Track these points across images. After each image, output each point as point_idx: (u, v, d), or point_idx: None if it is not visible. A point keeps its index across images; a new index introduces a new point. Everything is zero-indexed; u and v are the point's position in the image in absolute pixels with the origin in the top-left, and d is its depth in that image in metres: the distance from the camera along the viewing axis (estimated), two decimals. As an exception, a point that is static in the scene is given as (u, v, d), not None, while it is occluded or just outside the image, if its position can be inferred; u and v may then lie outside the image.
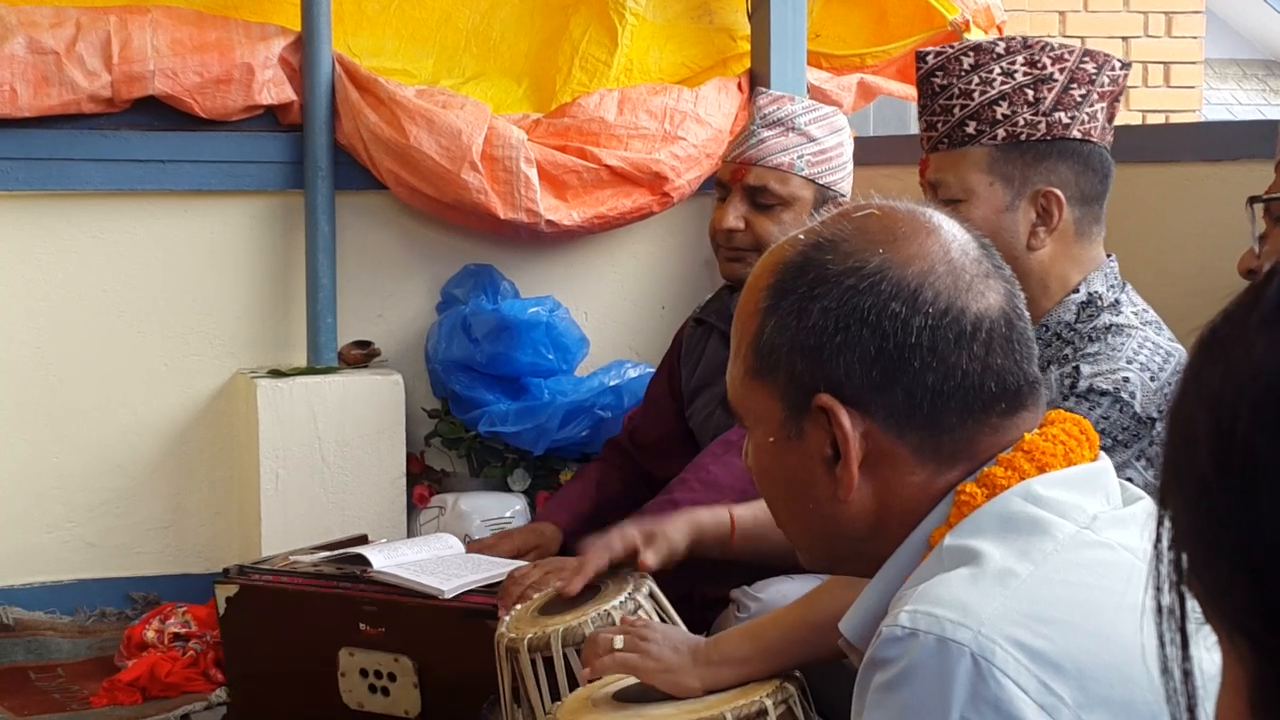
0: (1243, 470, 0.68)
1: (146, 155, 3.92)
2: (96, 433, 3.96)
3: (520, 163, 3.98)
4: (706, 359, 3.33)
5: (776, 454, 1.42)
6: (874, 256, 1.37)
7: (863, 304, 1.36)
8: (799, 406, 1.39)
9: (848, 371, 1.36)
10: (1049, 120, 2.41)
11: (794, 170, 3.12)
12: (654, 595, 2.39)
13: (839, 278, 1.37)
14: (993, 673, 1.19)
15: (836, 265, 1.38)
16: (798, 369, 1.38)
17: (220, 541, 4.03)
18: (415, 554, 3.02)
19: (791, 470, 1.41)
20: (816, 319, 1.37)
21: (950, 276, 1.37)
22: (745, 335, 1.44)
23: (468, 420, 4.04)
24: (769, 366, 1.41)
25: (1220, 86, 11.39)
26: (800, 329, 1.38)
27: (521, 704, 2.29)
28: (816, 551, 1.47)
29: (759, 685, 2.04)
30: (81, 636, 3.84)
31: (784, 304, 1.40)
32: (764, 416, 1.42)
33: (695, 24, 4.40)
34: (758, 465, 1.46)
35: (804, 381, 1.38)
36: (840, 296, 1.36)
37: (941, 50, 2.52)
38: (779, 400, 1.40)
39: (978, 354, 1.36)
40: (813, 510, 1.41)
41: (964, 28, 4.35)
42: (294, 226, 4.05)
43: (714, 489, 2.90)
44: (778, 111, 3.17)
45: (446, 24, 4.27)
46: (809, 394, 1.37)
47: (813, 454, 1.39)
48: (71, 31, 3.81)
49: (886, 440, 1.36)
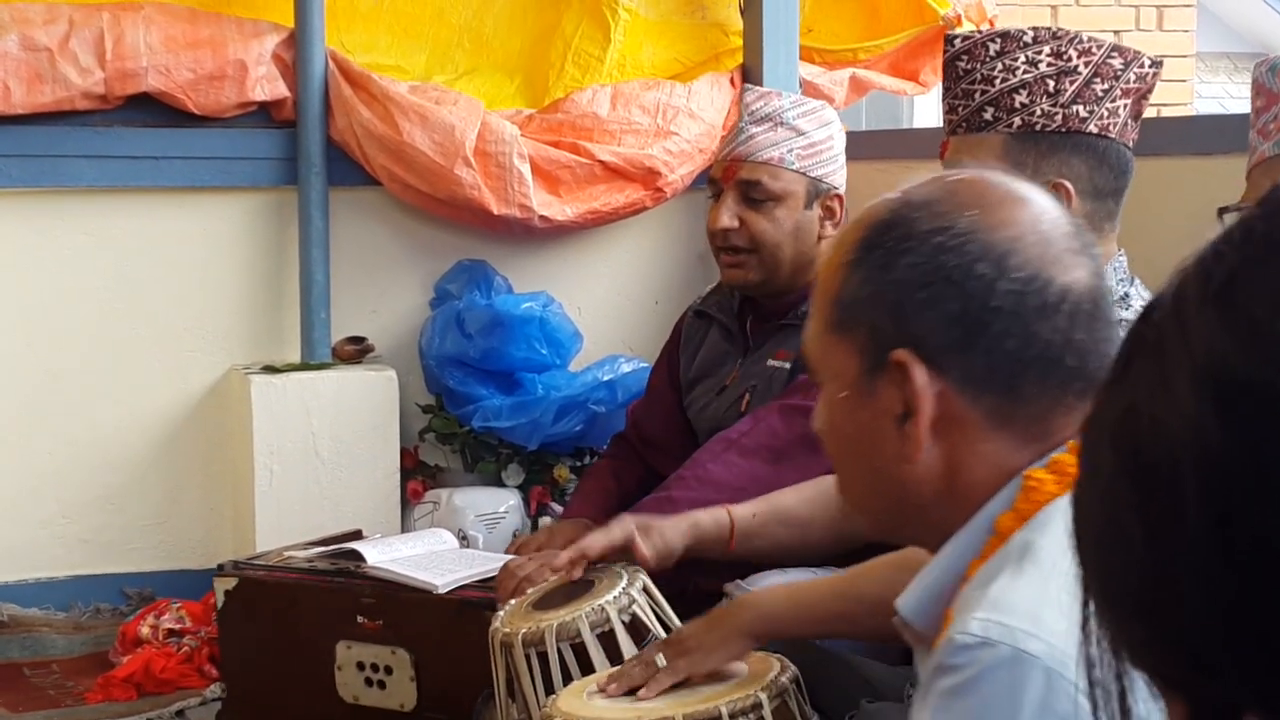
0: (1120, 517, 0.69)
1: (140, 151, 3.93)
2: (90, 429, 3.96)
3: (513, 158, 3.99)
4: (705, 350, 3.33)
5: (848, 410, 1.41)
6: (963, 218, 1.36)
7: (949, 262, 1.34)
8: (875, 363, 1.37)
9: (928, 329, 1.34)
10: (1066, 112, 2.41)
11: (784, 164, 3.13)
12: (648, 590, 2.39)
13: (927, 235, 1.36)
14: (1065, 687, 1.18)
15: (926, 224, 1.37)
16: (878, 324, 1.37)
17: (215, 537, 4.04)
18: (409, 549, 3.03)
19: (862, 427, 1.40)
20: (902, 274, 1.36)
21: (1039, 246, 1.35)
22: (828, 290, 1.42)
23: (461, 415, 4.04)
24: (849, 321, 1.39)
25: (1212, 80, 11.40)
26: (884, 283, 1.37)
27: (516, 698, 2.30)
28: (880, 515, 1.45)
29: (754, 679, 2.04)
30: (76, 633, 3.85)
31: (870, 258, 1.38)
32: (839, 372, 1.41)
33: (688, 19, 4.41)
34: (828, 422, 1.44)
35: (883, 337, 1.36)
36: (928, 253, 1.35)
37: (970, 34, 2.52)
38: (856, 356, 1.39)
39: (1060, 326, 1.35)
40: (879, 469, 1.40)
41: (955, 22, 4.36)
42: (288, 222, 4.05)
43: (711, 487, 2.89)
44: (765, 107, 3.17)
45: (439, 20, 4.27)
46: (887, 350, 1.36)
47: (884, 411, 1.37)
48: (64, 28, 3.81)
49: (960, 403, 1.35)
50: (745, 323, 3.26)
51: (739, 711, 1.97)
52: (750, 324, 3.24)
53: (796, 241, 3.13)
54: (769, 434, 2.93)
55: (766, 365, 3.14)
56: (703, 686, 2.06)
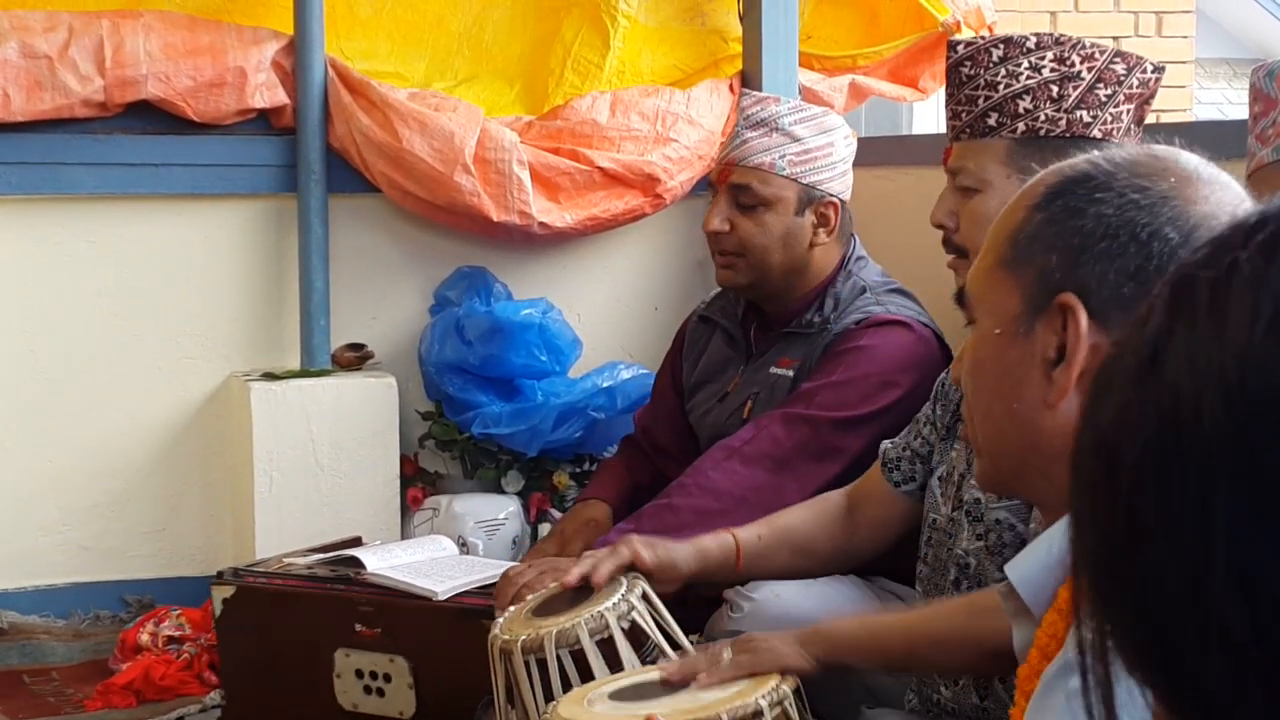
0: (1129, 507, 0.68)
1: (139, 159, 3.93)
2: (90, 436, 3.96)
3: (513, 165, 3.99)
4: (708, 355, 3.34)
5: (999, 346, 1.40)
6: (1164, 183, 1.35)
7: (1140, 219, 1.34)
8: (1038, 303, 1.37)
9: (1101, 280, 1.34)
10: (1070, 118, 2.41)
11: (775, 170, 3.12)
12: (647, 597, 2.39)
13: (1125, 190, 1.35)
14: None
15: (1124, 181, 1.36)
16: (1051, 265, 1.36)
17: (214, 544, 4.04)
18: (409, 556, 3.02)
19: (1009, 365, 1.39)
20: (1089, 221, 1.35)
21: None
22: (1006, 227, 1.42)
23: (461, 422, 4.04)
24: (1023, 258, 1.39)
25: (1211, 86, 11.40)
26: (1069, 227, 1.37)
27: (516, 705, 2.29)
28: (1004, 461, 1.44)
29: (755, 686, 2.04)
30: (76, 640, 3.84)
31: (1059, 202, 1.39)
32: (998, 307, 1.41)
33: (687, 26, 4.41)
34: (974, 357, 1.44)
35: (1053, 279, 1.36)
36: (1120, 206, 1.35)
37: (973, 40, 2.53)
38: (1020, 294, 1.38)
39: None
40: (1016, 411, 1.39)
41: (954, 28, 4.36)
42: (287, 230, 4.05)
43: (712, 495, 2.89)
44: (761, 112, 3.17)
45: (439, 27, 4.27)
46: (1053, 292, 1.35)
47: (1036, 353, 1.36)
48: (64, 36, 3.81)
49: None
50: (749, 329, 3.26)
51: (740, 719, 1.97)
52: (754, 331, 3.24)
53: (785, 247, 3.13)
54: (771, 442, 2.92)
55: (769, 373, 3.14)
56: (704, 693, 2.06)
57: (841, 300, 3.09)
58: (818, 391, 2.94)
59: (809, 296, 3.14)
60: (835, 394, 2.92)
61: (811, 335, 3.09)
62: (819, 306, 3.11)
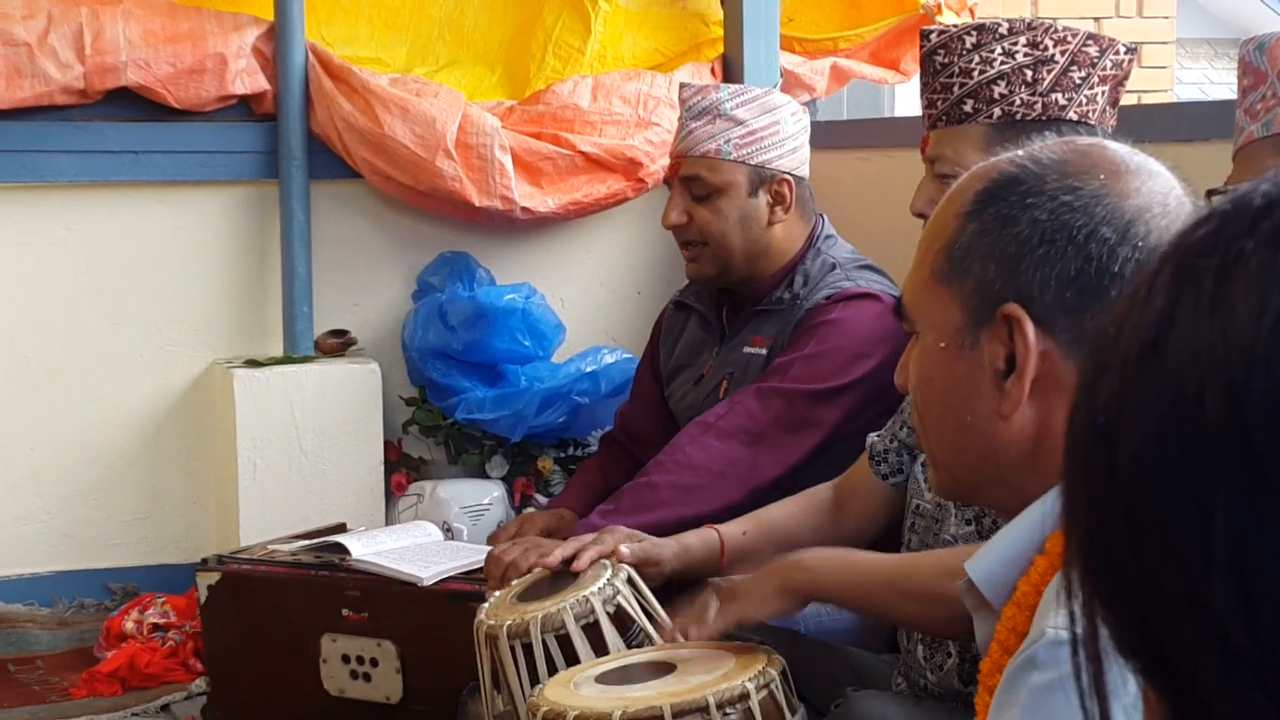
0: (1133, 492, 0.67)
1: (120, 146, 3.92)
2: (72, 424, 3.96)
3: (495, 150, 3.98)
4: (684, 340, 3.35)
5: (945, 361, 1.39)
6: (1094, 181, 1.35)
7: (1075, 221, 1.33)
8: (981, 315, 1.36)
9: (1042, 286, 1.33)
10: (1045, 101, 2.42)
11: (721, 156, 3.14)
12: (633, 581, 2.39)
13: (1056, 193, 1.35)
14: None
15: (1055, 183, 1.36)
16: (989, 276, 1.36)
17: (198, 532, 4.03)
18: (394, 542, 3.03)
19: (957, 379, 1.38)
20: (1024, 228, 1.35)
21: (1164, 219, 1.34)
22: (938, 239, 1.41)
23: (445, 408, 4.04)
24: (959, 271, 1.38)
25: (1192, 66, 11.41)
26: (1003, 236, 1.36)
27: (501, 690, 2.30)
28: (960, 472, 1.44)
29: (741, 669, 2.05)
30: (60, 628, 3.84)
31: (990, 210, 1.37)
32: (939, 321, 1.40)
33: (668, 9, 4.41)
34: (920, 372, 1.43)
35: (993, 290, 1.35)
36: (1054, 210, 1.34)
37: (945, 29, 2.53)
38: (960, 306, 1.38)
39: None
40: (969, 424, 1.38)
41: (936, 11, 4.36)
42: (269, 216, 4.05)
43: (690, 470, 2.91)
44: (702, 101, 3.18)
45: (419, 12, 4.26)
46: (995, 303, 1.35)
47: (984, 365, 1.36)
48: (43, 23, 3.80)
49: (1063, 366, 1.33)
50: (722, 311, 3.27)
51: (726, 701, 1.97)
52: (726, 312, 3.26)
53: (744, 230, 3.14)
54: (746, 416, 2.95)
55: (743, 352, 3.16)
56: (690, 676, 2.06)
57: (811, 277, 3.11)
58: (791, 365, 2.97)
59: (778, 275, 3.16)
60: (808, 367, 2.95)
61: (782, 312, 3.11)
62: (789, 284, 3.14)
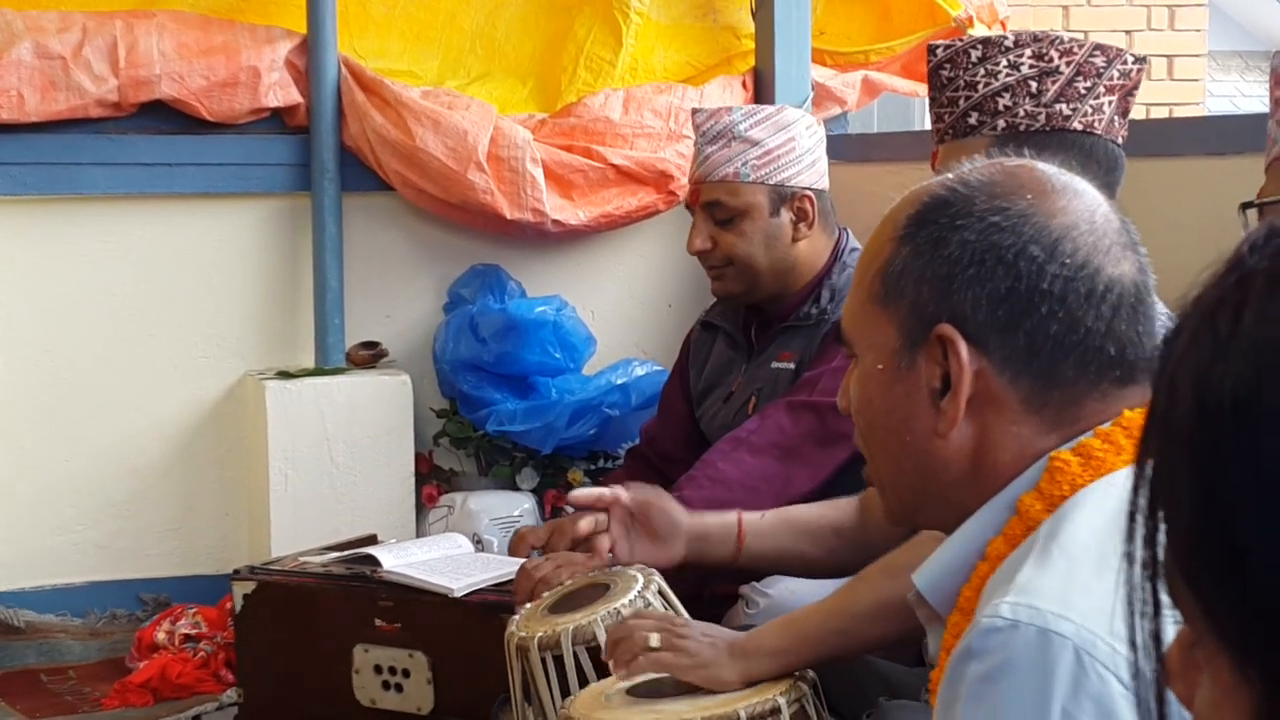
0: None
1: (153, 159, 3.94)
2: (106, 435, 3.97)
3: (526, 162, 3.99)
4: (713, 359, 3.36)
5: (883, 383, 1.42)
6: (1021, 201, 1.38)
7: (1003, 241, 1.36)
8: (916, 336, 1.39)
9: (974, 306, 1.36)
10: (1049, 111, 2.41)
11: (740, 179, 3.15)
12: (663, 593, 2.40)
13: (984, 214, 1.38)
14: (1095, 666, 1.18)
15: (983, 204, 1.39)
16: (923, 298, 1.38)
17: (230, 543, 4.05)
18: (425, 553, 3.03)
19: (895, 400, 1.41)
20: (954, 250, 1.37)
21: (1091, 236, 1.38)
22: (873, 263, 1.44)
23: (475, 420, 4.05)
24: (893, 293, 1.41)
25: (1224, 79, 11.37)
26: (935, 258, 1.38)
27: (532, 702, 2.30)
28: (903, 493, 1.46)
29: (773, 684, 2.05)
30: (92, 639, 3.86)
31: (921, 233, 1.40)
32: (876, 344, 1.42)
33: (699, 23, 4.41)
34: (860, 394, 1.46)
35: (927, 311, 1.38)
36: (982, 231, 1.37)
37: (951, 43, 2.53)
38: (896, 328, 1.40)
39: (1104, 315, 1.36)
40: (909, 444, 1.41)
41: (968, 23, 4.36)
42: (301, 228, 4.06)
43: (723, 485, 2.91)
44: (716, 125, 3.19)
45: (451, 25, 4.28)
46: (929, 324, 1.37)
47: (921, 385, 1.39)
48: (78, 36, 3.82)
49: (998, 383, 1.36)
50: (750, 329, 3.28)
51: (758, 715, 1.97)
52: (754, 330, 3.26)
53: (770, 250, 3.16)
54: (777, 431, 2.95)
55: (771, 368, 3.16)
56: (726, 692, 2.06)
57: (838, 291, 3.12)
58: (820, 378, 2.97)
59: (805, 291, 3.17)
60: (837, 380, 2.93)
61: (810, 327, 3.12)
62: (815, 299, 3.15)
